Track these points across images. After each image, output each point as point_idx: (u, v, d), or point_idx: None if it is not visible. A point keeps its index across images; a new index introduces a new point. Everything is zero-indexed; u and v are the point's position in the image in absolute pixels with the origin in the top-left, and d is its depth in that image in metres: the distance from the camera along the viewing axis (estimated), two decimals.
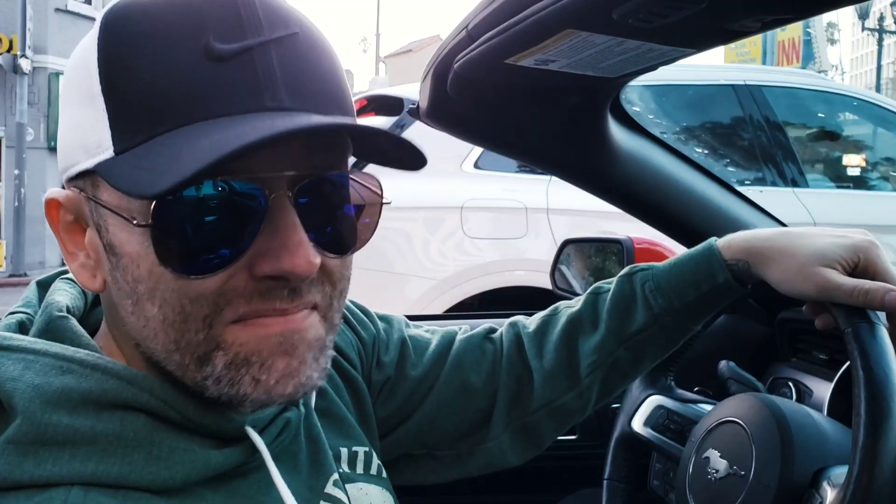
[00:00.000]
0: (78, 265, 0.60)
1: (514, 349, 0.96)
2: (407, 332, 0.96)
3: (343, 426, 0.79)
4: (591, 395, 0.94)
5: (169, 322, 0.55)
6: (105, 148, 0.53)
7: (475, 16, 0.87)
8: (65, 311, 0.62)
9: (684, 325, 0.91)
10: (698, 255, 0.89)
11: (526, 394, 0.94)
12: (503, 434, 0.93)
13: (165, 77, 0.52)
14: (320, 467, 0.71)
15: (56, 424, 0.53)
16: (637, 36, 0.79)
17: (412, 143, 0.56)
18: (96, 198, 0.56)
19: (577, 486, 1.41)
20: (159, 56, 0.52)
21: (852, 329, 0.79)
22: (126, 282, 0.56)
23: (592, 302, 0.95)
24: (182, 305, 0.54)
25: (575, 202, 3.26)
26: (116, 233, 0.56)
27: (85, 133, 0.55)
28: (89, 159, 0.55)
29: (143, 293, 0.55)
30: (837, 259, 0.82)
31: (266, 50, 0.53)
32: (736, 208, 1.25)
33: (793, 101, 3.99)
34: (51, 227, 0.60)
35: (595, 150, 1.17)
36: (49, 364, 0.55)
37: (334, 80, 0.58)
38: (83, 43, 0.57)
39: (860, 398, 0.75)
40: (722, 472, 0.89)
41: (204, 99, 0.52)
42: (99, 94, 0.53)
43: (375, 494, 0.77)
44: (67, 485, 0.52)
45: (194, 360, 0.56)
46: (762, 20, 0.75)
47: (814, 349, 1.21)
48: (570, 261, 1.67)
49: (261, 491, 0.62)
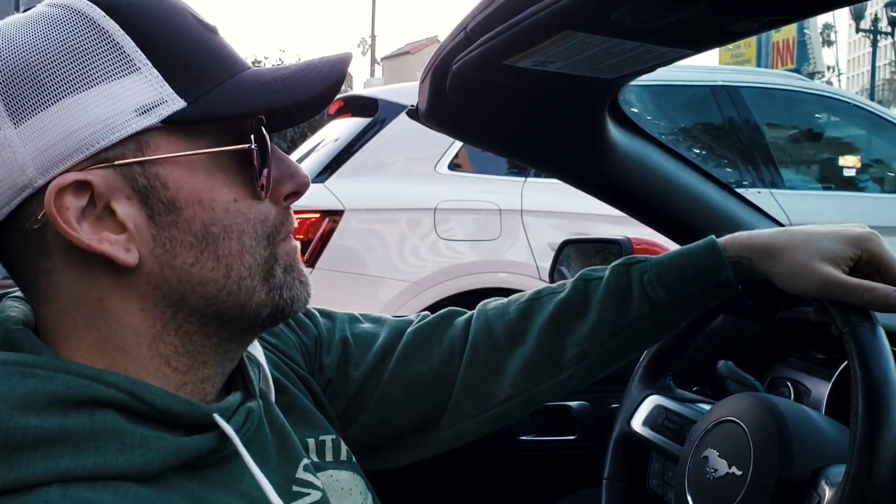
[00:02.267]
0: (108, 246, 0.58)
1: (484, 335, 0.93)
2: (351, 329, 0.93)
3: (307, 417, 0.79)
4: (567, 386, 0.91)
5: (247, 249, 0.63)
6: (172, 103, 0.59)
7: (473, 17, 0.88)
8: (20, 325, 0.62)
9: (675, 319, 0.90)
10: (701, 251, 0.89)
11: (493, 383, 0.91)
12: (467, 422, 0.91)
13: (196, 42, 0.62)
14: (289, 454, 0.72)
15: (25, 427, 0.53)
16: (635, 37, 0.79)
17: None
18: (149, 158, 0.59)
19: (576, 486, 1.41)
20: (180, 25, 0.62)
21: (851, 328, 0.79)
22: (192, 233, 0.61)
23: (582, 290, 0.92)
24: (256, 230, 0.63)
25: (550, 203, 3.26)
26: (183, 183, 0.60)
27: (133, 98, 0.58)
28: (147, 119, 0.58)
29: (219, 233, 0.61)
30: (840, 254, 0.83)
31: None
32: (735, 209, 1.25)
33: (770, 102, 3.97)
34: (56, 220, 0.57)
35: (593, 152, 1.17)
36: (11, 371, 0.55)
37: None
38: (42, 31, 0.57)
39: (858, 397, 0.75)
40: (720, 472, 0.89)
41: (226, 58, 0.63)
42: (145, 60, 0.59)
43: (346, 479, 0.77)
44: (44, 485, 0.52)
45: (261, 277, 0.64)
46: (760, 21, 0.76)
47: (812, 349, 1.22)
48: (569, 261, 1.67)
49: (234, 479, 0.63)
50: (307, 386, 0.84)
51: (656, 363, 1.18)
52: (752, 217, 1.27)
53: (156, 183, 0.59)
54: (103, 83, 0.58)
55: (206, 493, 0.60)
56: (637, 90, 3.59)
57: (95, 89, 0.57)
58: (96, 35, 0.58)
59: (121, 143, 0.58)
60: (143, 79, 0.58)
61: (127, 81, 0.58)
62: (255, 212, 0.63)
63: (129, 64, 0.58)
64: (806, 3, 0.75)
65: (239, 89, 0.62)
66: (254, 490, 0.62)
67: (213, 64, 0.62)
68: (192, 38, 0.62)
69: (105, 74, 0.58)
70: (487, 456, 1.50)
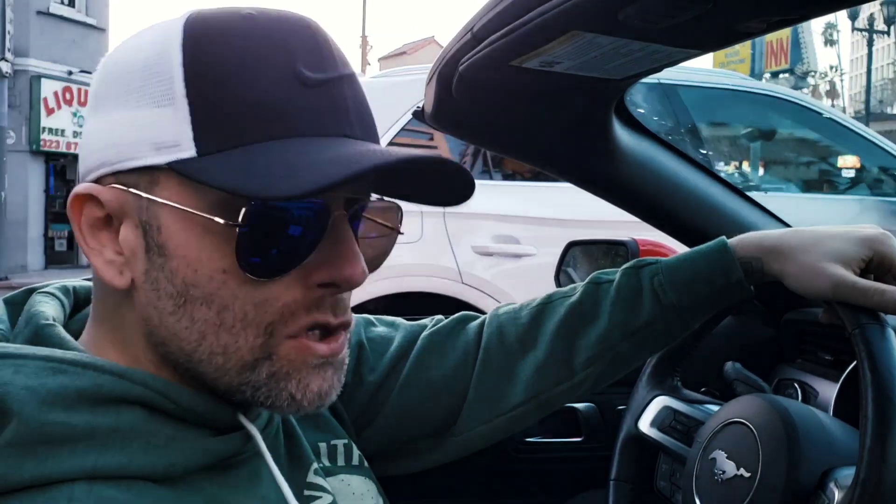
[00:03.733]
0: (103, 261, 0.60)
1: (497, 341, 0.93)
2: (366, 333, 0.93)
3: (319, 421, 0.79)
4: (582, 389, 0.91)
5: (226, 326, 0.58)
6: (185, 148, 0.56)
7: (480, 18, 0.87)
8: (51, 320, 0.63)
9: (687, 322, 0.90)
10: (711, 253, 0.88)
11: (507, 388, 0.91)
12: (480, 427, 0.91)
13: (259, 93, 0.56)
14: (299, 460, 0.72)
15: (53, 423, 0.53)
16: (643, 37, 0.79)
17: (469, 174, 0.62)
18: (154, 196, 0.57)
19: (584, 487, 1.41)
20: (253, 72, 0.57)
21: (860, 330, 0.78)
22: (173, 284, 0.58)
23: (593, 293, 0.92)
24: (245, 311, 0.58)
25: (471, 205, 3.15)
26: (176, 233, 0.57)
27: (156, 131, 0.57)
28: (159, 156, 0.57)
29: (198, 297, 0.58)
30: (851, 256, 0.82)
31: (342, 83, 0.60)
32: (743, 210, 1.25)
33: (709, 102, 3.85)
34: (71, 220, 0.60)
35: (600, 152, 1.17)
36: (40, 366, 0.56)
37: (373, 116, 0.65)
38: (149, 43, 0.59)
39: (867, 399, 0.74)
40: (728, 473, 0.88)
41: (295, 118, 0.57)
42: (182, 96, 0.56)
43: (358, 484, 0.77)
44: (70, 481, 0.53)
45: (239, 365, 0.59)
46: (768, 21, 0.75)
47: (819, 350, 1.21)
48: (575, 263, 1.67)
49: (253, 481, 0.63)
50: None
51: (664, 364, 1.17)
52: (759, 218, 1.26)
53: (153, 223, 0.58)
54: (143, 108, 0.58)
55: (226, 495, 0.60)
56: None
57: (137, 111, 0.58)
58: (163, 61, 0.58)
59: (137, 170, 0.58)
60: (171, 114, 0.57)
61: (158, 112, 0.57)
62: (248, 291, 0.57)
63: (168, 96, 0.57)
64: (815, 2, 0.74)
65: (254, 160, 0.55)
66: (272, 493, 0.63)
67: (265, 120, 0.56)
68: (268, 90, 0.56)
69: (148, 100, 0.58)
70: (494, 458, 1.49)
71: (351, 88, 0.61)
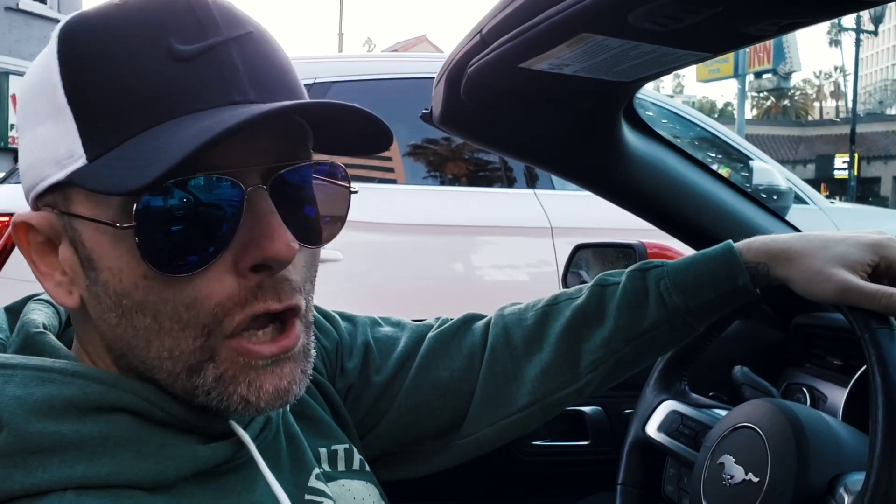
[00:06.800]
0: (53, 284, 0.59)
1: (502, 342, 0.92)
2: (373, 333, 0.92)
3: (320, 426, 0.79)
4: (586, 392, 0.91)
5: (165, 331, 0.56)
6: (77, 157, 0.54)
7: (489, 20, 0.87)
8: (41, 328, 0.63)
9: (692, 325, 0.89)
10: (718, 256, 0.88)
11: (512, 390, 0.90)
12: (485, 429, 0.90)
13: (131, 81, 0.53)
14: (301, 463, 0.71)
15: (42, 432, 0.53)
16: (652, 40, 0.79)
17: (380, 119, 0.58)
18: (70, 211, 0.56)
19: (590, 491, 1.40)
20: (123, 61, 0.53)
21: (870, 334, 0.78)
22: (108, 296, 0.56)
23: (598, 295, 0.91)
24: (178, 313, 0.55)
25: (381, 216, 2.80)
26: (95, 246, 0.56)
27: (55, 146, 0.55)
28: (61, 171, 0.55)
29: (131, 306, 0.56)
30: (857, 260, 0.82)
31: (227, 47, 0.55)
32: (751, 214, 1.24)
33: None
34: (21, 251, 0.60)
35: (609, 155, 1.16)
36: (29, 376, 0.56)
37: (290, 74, 0.60)
38: (38, 61, 0.58)
39: (877, 404, 0.74)
40: (737, 478, 0.88)
41: (172, 98, 0.53)
42: (65, 105, 0.54)
43: (359, 489, 0.76)
44: (60, 490, 0.53)
45: (185, 368, 0.57)
46: (778, 24, 0.75)
47: (828, 354, 1.21)
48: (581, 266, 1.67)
49: (247, 487, 0.62)
50: (322, 393, 0.83)
51: (672, 368, 1.17)
52: (767, 221, 1.26)
53: (77, 238, 0.57)
54: (41, 125, 0.57)
55: (218, 502, 0.60)
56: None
57: (38, 130, 0.57)
58: (45, 74, 0.56)
59: (51, 189, 0.57)
60: (62, 125, 0.54)
61: (52, 126, 0.55)
62: (175, 293, 0.55)
63: (55, 107, 0.55)
64: (824, 5, 0.74)
65: (149, 144, 0.51)
66: (267, 499, 0.62)
67: (142, 107, 0.53)
68: (140, 76, 0.53)
69: (43, 116, 0.56)
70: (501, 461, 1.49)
71: (241, 50, 0.56)
